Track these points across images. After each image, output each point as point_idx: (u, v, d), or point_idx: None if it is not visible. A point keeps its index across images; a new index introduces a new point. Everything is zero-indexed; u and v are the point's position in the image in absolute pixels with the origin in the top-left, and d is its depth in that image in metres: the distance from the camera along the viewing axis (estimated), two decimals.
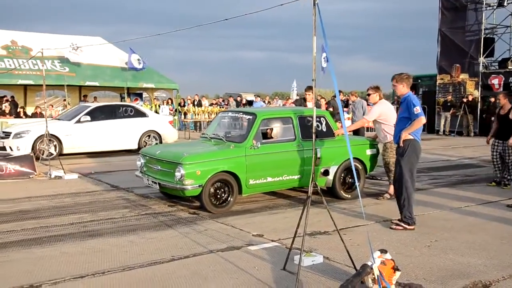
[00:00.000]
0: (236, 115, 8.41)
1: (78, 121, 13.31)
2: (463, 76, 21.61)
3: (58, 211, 7.10)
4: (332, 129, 8.04)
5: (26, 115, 21.30)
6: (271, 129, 7.78)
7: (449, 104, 21.42)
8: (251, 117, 7.60)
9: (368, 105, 11.48)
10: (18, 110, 21.32)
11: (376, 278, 3.99)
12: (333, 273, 4.70)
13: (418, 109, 6.24)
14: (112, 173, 10.73)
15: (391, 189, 7.88)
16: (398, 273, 4.20)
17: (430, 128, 22.82)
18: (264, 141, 7.42)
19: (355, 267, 4.49)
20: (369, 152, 8.28)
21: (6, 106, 20.11)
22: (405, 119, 6.37)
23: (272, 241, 5.74)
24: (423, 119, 6.23)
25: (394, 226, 6.29)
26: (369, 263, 4.14)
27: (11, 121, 18.47)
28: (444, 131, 21.68)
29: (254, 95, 24.74)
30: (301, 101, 10.17)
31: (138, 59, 24.64)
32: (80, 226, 6.31)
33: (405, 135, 6.26)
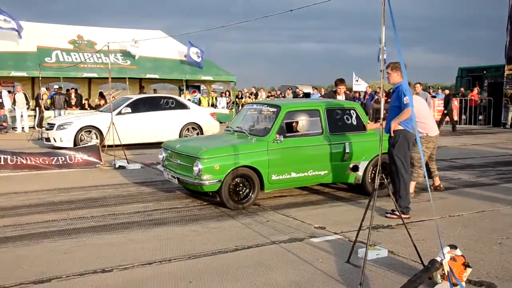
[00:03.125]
0: (261, 107, 8.05)
1: (119, 113, 13.22)
2: None
3: (124, 200, 7.34)
4: (363, 122, 7.66)
5: (90, 107, 22.10)
6: (297, 122, 7.44)
7: None
8: (275, 109, 7.32)
9: (433, 97, 11.12)
10: (83, 102, 22.15)
11: (446, 274, 3.87)
12: (398, 267, 4.61)
13: (407, 99, 6.09)
14: None
15: (412, 186, 7.56)
16: (469, 270, 4.08)
17: (496, 121, 21.91)
18: (288, 134, 7.12)
19: (422, 262, 4.38)
20: None
21: (72, 98, 20.95)
22: (396, 108, 6.32)
23: (335, 233, 5.69)
24: (409, 111, 6.03)
25: (389, 215, 6.34)
26: (438, 259, 4.02)
27: (76, 112, 19.25)
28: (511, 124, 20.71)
29: (312, 87, 24.50)
30: (332, 94, 9.65)
31: (197, 52, 24.98)
32: (145, 215, 6.50)
33: (395, 125, 6.29)
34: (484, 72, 26.12)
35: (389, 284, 4.20)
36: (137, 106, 13.84)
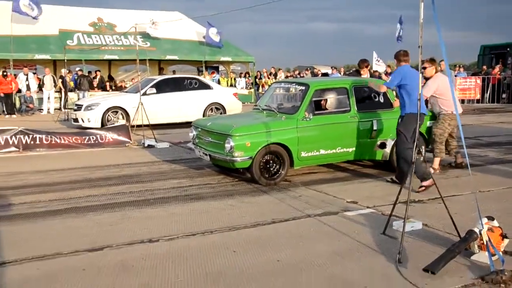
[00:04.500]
0: (289, 86, 8.15)
1: (144, 94, 13.20)
2: None
3: (158, 177, 7.57)
4: (390, 100, 7.73)
5: (112, 88, 22.39)
6: (325, 100, 7.54)
7: None
8: (303, 87, 7.41)
9: (455, 76, 11.10)
10: (105, 84, 22.43)
11: (485, 243, 4.01)
12: (433, 239, 4.76)
13: (388, 78, 6.97)
14: None
15: (436, 163, 7.66)
16: (506, 241, 4.21)
17: None
18: (317, 112, 7.24)
19: (458, 234, 4.51)
20: (429, 124, 7.83)
21: (95, 80, 21.24)
22: (403, 88, 6.55)
23: (367, 207, 5.85)
24: (383, 87, 6.88)
25: (420, 190, 6.53)
26: (476, 229, 4.16)
27: (98, 94, 19.54)
28: None
29: (331, 67, 24.45)
30: (355, 74, 9.71)
31: (217, 32, 25.03)
32: (181, 190, 6.71)
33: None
34: (508, 49, 25.71)
35: (427, 254, 4.34)
36: (162, 87, 14.02)
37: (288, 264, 4.15)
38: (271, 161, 6.94)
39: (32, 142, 9.53)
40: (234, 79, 26.17)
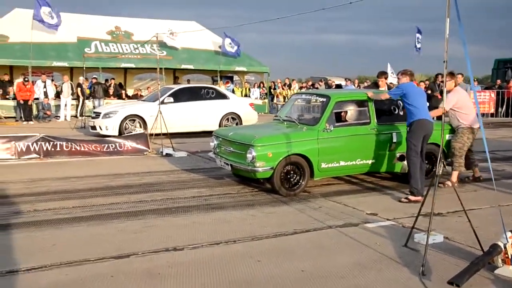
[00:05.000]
0: (310, 97, 8.21)
1: (162, 102, 13.00)
2: None
3: (179, 185, 7.65)
4: None
5: (127, 97, 22.62)
6: (345, 112, 7.59)
7: None
8: (324, 99, 7.47)
9: (470, 90, 11.10)
10: (121, 92, 22.68)
11: (510, 258, 4.03)
12: (455, 252, 4.79)
13: (387, 92, 7.53)
14: None
15: (454, 176, 7.66)
16: None
17: None
18: (337, 124, 7.29)
19: (481, 247, 4.53)
20: (448, 137, 7.85)
21: (110, 88, 21.48)
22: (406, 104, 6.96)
23: (387, 219, 5.88)
24: (384, 95, 7.45)
25: (403, 200, 6.77)
26: (500, 243, 4.18)
27: (114, 101, 19.76)
28: None
29: (345, 79, 24.52)
30: (373, 86, 9.76)
31: (230, 43, 25.25)
32: (202, 200, 6.79)
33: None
34: None
35: (449, 267, 4.37)
36: (179, 96, 14.09)
37: (313, 274, 4.20)
38: (291, 172, 7.00)
39: (52, 149, 9.68)
40: (249, 89, 26.29)
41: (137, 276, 4.10)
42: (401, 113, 7.72)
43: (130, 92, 24.97)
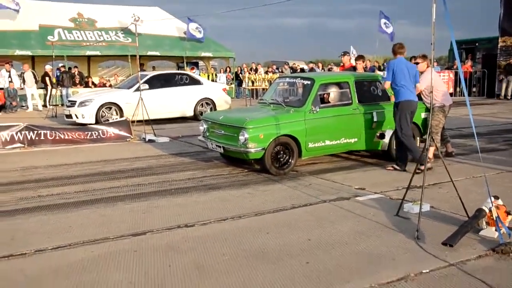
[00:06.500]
0: (294, 80, 8.62)
1: (137, 90, 13.07)
2: None
3: (171, 169, 7.91)
4: (387, 93, 8.24)
5: (94, 85, 22.41)
6: (328, 94, 8.02)
7: None
8: (309, 82, 7.84)
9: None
10: (86, 80, 22.44)
11: (494, 219, 4.54)
12: (443, 218, 5.28)
13: (384, 73, 7.52)
14: (194, 137, 11.44)
15: (430, 152, 8.22)
16: (510, 217, 4.75)
17: (490, 92, 22.67)
18: (322, 105, 7.70)
19: (466, 212, 5.02)
20: (423, 115, 8.36)
21: (76, 77, 21.22)
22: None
23: (375, 193, 6.35)
24: (386, 84, 7.56)
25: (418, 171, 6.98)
26: (484, 207, 4.69)
27: (81, 90, 19.59)
28: (505, 95, 21.46)
29: (310, 62, 25.03)
30: (351, 69, 10.29)
31: (197, 28, 25.29)
32: (197, 181, 7.09)
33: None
34: (477, 44, 26.75)
35: (439, 231, 4.84)
36: (153, 83, 14.19)
37: (319, 242, 4.60)
38: (281, 152, 7.38)
39: (37, 138, 9.72)
40: (216, 74, 26.44)
41: (159, 250, 4.40)
42: (380, 93, 8.20)
43: (96, 80, 24.70)
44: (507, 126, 12.67)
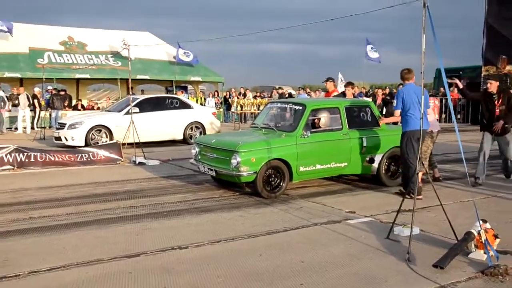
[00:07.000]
0: (285, 105, 8.78)
1: (127, 113, 13.11)
2: (510, 67, 21.78)
3: (162, 191, 7.94)
4: (377, 118, 8.45)
5: (83, 108, 22.41)
6: (319, 119, 8.11)
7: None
8: (300, 107, 8.00)
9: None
10: (76, 102, 22.46)
11: (484, 242, 4.64)
12: (432, 241, 5.38)
13: (394, 103, 7.15)
14: (184, 160, 11.48)
15: (419, 175, 8.41)
16: (497, 240, 4.86)
17: (474, 119, 23.08)
18: (313, 130, 7.79)
19: (455, 235, 5.13)
20: None
21: (66, 100, 21.16)
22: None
23: (365, 216, 6.44)
24: (396, 113, 7.56)
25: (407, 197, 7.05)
26: (473, 231, 4.80)
27: (70, 113, 19.57)
28: None
29: (299, 88, 25.35)
30: (341, 95, 10.48)
31: (185, 53, 25.54)
32: (189, 204, 7.12)
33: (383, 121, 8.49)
34: (461, 72, 27.31)
35: (429, 253, 4.93)
36: (144, 106, 14.23)
37: (313, 264, 4.66)
38: (272, 175, 7.47)
39: (26, 160, 9.69)
40: (205, 98, 26.63)
41: (154, 272, 4.42)
42: (370, 119, 8.38)
43: (84, 103, 24.70)
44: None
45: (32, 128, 19.16)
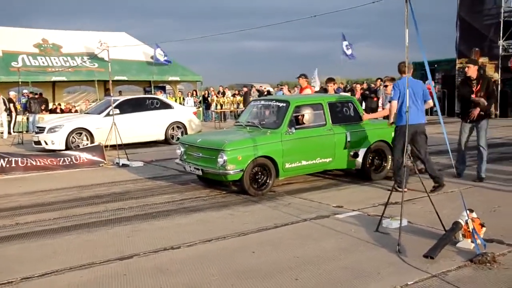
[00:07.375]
0: (269, 103, 8.79)
1: (108, 115, 13.31)
2: (483, 60, 22.20)
3: (148, 193, 7.90)
4: (359, 113, 8.54)
5: (62, 111, 22.10)
6: (303, 115, 8.16)
7: None
8: (284, 104, 8.03)
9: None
10: (54, 106, 22.15)
11: (471, 232, 4.76)
12: (420, 232, 5.48)
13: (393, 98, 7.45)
14: (168, 160, 11.44)
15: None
16: (484, 229, 4.98)
17: (450, 111, 23.49)
18: (297, 126, 7.83)
19: (443, 225, 5.23)
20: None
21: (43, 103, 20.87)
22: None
23: (353, 210, 6.52)
24: (393, 103, 7.47)
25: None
26: (461, 220, 4.91)
27: (48, 116, 19.28)
28: None
29: (278, 85, 25.43)
30: (322, 91, 10.55)
31: (160, 53, 25.39)
32: (177, 204, 7.11)
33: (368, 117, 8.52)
34: (436, 65, 27.76)
35: (420, 244, 5.01)
36: (124, 107, 14.12)
37: (307, 259, 4.71)
38: (259, 173, 7.50)
39: (7, 165, 9.54)
40: (183, 98, 26.51)
41: (149, 273, 4.42)
42: (352, 114, 8.46)
43: (62, 106, 24.36)
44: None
45: (9, 132, 18.84)
